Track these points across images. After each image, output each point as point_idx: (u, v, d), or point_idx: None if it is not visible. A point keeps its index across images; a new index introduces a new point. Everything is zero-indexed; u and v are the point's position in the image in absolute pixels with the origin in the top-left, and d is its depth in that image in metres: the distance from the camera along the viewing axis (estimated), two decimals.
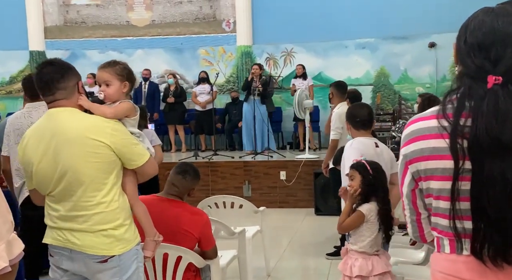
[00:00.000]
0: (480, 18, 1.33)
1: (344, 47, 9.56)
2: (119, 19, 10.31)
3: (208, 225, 2.80)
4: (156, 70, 9.85)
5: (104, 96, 2.18)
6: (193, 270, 2.77)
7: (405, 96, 9.31)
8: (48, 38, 10.33)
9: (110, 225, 2.09)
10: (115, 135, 2.11)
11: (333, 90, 4.94)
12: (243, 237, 3.83)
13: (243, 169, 7.51)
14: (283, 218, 6.71)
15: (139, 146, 2.19)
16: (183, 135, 9.24)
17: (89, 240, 2.08)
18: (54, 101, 2.14)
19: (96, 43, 10.24)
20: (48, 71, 2.13)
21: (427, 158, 1.34)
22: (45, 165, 2.10)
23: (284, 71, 9.80)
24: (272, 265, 4.69)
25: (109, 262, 2.09)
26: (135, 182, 2.23)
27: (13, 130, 3.27)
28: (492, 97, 1.25)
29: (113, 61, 2.26)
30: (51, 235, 2.15)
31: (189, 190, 2.83)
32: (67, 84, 2.13)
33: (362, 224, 2.77)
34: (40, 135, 2.12)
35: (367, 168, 2.79)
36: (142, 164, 2.17)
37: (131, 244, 2.14)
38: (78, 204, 2.08)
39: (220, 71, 9.67)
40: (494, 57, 1.29)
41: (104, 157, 2.08)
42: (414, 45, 9.12)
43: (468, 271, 1.32)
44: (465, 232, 1.30)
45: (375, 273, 2.72)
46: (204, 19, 10.12)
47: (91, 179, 2.07)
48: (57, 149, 2.07)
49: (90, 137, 2.07)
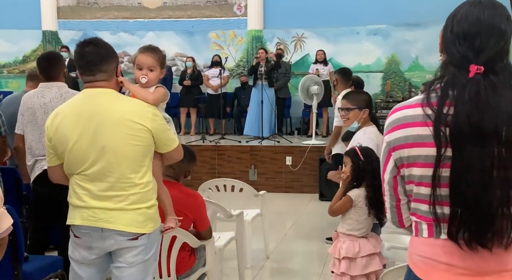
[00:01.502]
0: (467, 9, 1.37)
1: (355, 33, 9.48)
2: (131, 1, 10.33)
3: (202, 206, 2.86)
4: (167, 53, 9.80)
5: (147, 80, 2.23)
6: (187, 250, 2.84)
7: (416, 84, 9.23)
8: (61, 18, 10.40)
9: (144, 204, 2.14)
10: (156, 120, 2.16)
11: (338, 77, 4.92)
12: (241, 219, 3.89)
13: (249, 154, 7.56)
14: (288, 202, 6.77)
15: (171, 132, 2.27)
16: (195, 118, 9.29)
17: (124, 218, 2.11)
18: (93, 81, 2.15)
19: (108, 24, 10.28)
20: (92, 51, 2.14)
21: (411, 145, 1.38)
22: (83, 144, 2.11)
23: (294, 56, 9.76)
24: (272, 247, 4.76)
25: (140, 240, 2.14)
26: (161, 166, 2.30)
27: (27, 109, 3.33)
28: (473, 86, 1.29)
29: (154, 47, 2.32)
30: (80, 215, 2.14)
31: (185, 172, 2.89)
32: (108, 67, 2.15)
33: (351, 208, 2.81)
34: (78, 114, 2.13)
35: (358, 154, 2.82)
36: (173, 148, 2.24)
37: (158, 223, 2.23)
38: (116, 185, 2.11)
39: (230, 55, 9.67)
40: (477, 47, 1.32)
41: (145, 141, 2.13)
42: (426, 32, 8.98)
43: (445, 254, 1.36)
44: (444, 217, 1.35)
45: (362, 255, 2.77)
46: (216, 3, 10.09)
47: (131, 161, 2.11)
48: (98, 130, 2.09)
49: (133, 120, 2.11)
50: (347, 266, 2.80)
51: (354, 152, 2.85)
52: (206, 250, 2.95)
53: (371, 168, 2.79)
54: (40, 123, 3.20)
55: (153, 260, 2.24)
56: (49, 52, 4.32)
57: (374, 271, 2.80)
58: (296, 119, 9.47)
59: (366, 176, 2.81)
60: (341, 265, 2.81)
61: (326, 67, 8.62)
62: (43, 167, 3.22)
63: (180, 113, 9.28)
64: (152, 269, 2.26)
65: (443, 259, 1.36)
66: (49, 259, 3.19)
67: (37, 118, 3.27)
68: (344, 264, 2.80)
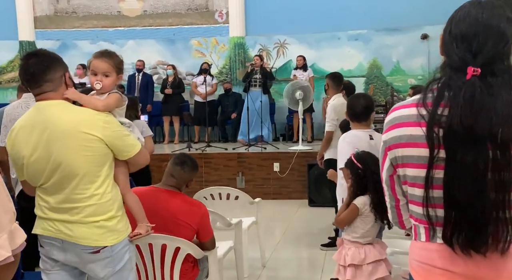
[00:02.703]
0: (466, 10, 1.35)
1: (336, 38, 9.55)
2: (110, 9, 10.20)
3: (206, 216, 2.79)
4: (148, 61, 9.76)
5: (102, 86, 2.16)
6: (191, 261, 2.77)
7: (398, 87, 9.33)
8: (38, 28, 10.19)
9: (102, 216, 2.09)
10: (108, 127, 2.10)
11: (329, 81, 4.92)
12: (240, 228, 3.83)
13: (237, 161, 7.50)
14: (277, 209, 6.73)
15: (131, 137, 2.19)
16: (178, 126, 9.19)
17: (82, 231, 2.08)
18: (41, 93, 2.11)
19: (87, 33, 10.12)
20: (34, 62, 2.10)
21: (405, 145, 1.37)
22: (37, 158, 2.09)
23: (277, 62, 9.77)
24: (267, 256, 4.71)
25: (102, 253, 2.09)
26: (126, 173, 2.24)
27: (10, 121, 3.25)
28: (469, 88, 1.27)
29: (111, 52, 2.25)
30: (42, 225, 2.14)
31: (187, 181, 2.83)
32: (53, 76, 2.10)
33: (357, 217, 2.79)
34: (31, 128, 2.10)
35: (354, 163, 2.80)
36: (134, 154, 2.18)
37: (123, 235, 2.15)
38: (70, 197, 2.08)
39: (213, 63, 9.62)
40: (475, 48, 1.30)
41: (97, 150, 2.08)
42: (406, 36, 9.13)
43: (440, 259, 1.34)
44: (437, 220, 1.33)
45: (368, 261, 2.74)
46: (197, 10, 10.04)
47: (85, 172, 2.07)
48: (49, 143, 2.06)
49: (82, 130, 2.06)
50: (353, 273, 2.77)
51: (351, 163, 2.84)
52: (209, 261, 2.88)
53: (371, 171, 2.77)
54: None
55: (128, 270, 2.19)
56: None
57: (380, 278, 2.77)
58: (280, 125, 9.46)
59: (369, 182, 2.79)
60: (347, 272, 2.78)
61: (306, 73, 8.65)
62: None
63: (164, 121, 9.17)
64: (130, 279, 2.21)
65: (439, 264, 1.34)
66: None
67: None
68: (350, 271, 2.77)
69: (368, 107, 3.29)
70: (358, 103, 3.29)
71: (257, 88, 8.26)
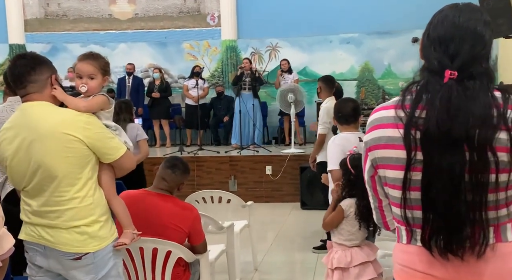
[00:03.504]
0: (444, 14, 1.36)
1: (328, 42, 9.59)
2: (101, 12, 10.16)
3: (198, 220, 2.77)
4: (140, 64, 9.74)
5: (87, 89, 2.14)
6: (182, 265, 2.75)
7: (389, 91, 9.38)
8: (28, 31, 10.13)
9: (83, 221, 2.05)
10: (89, 128, 2.07)
11: (321, 84, 4.93)
12: (232, 231, 3.82)
13: (229, 164, 7.48)
14: (269, 212, 6.71)
15: (115, 140, 2.15)
16: (168, 130, 9.16)
17: (62, 237, 2.05)
18: (26, 94, 2.10)
19: (78, 36, 10.07)
20: (20, 64, 2.10)
21: (384, 147, 1.37)
22: (18, 160, 2.07)
23: (269, 65, 9.78)
24: (259, 259, 4.69)
25: (83, 260, 2.06)
26: (112, 177, 2.19)
27: None
28: (446, 91, 1.27)
29: (95, 54, 2.24)
30: (25, 230, 2.12)
31: (179, 184, 2.81)
32: (38, 77, 2.09)
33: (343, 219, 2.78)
34: (14, 130, 2.09)
35: (348, 167, 2.80)
36: (117, 158, 2.13)
37: (106, 241, 2.11)
38: (50, 199, 2.05)
39: (205, 66, 9.61)
40: (452, 52, 1.30)
41: (77, 152, 2.05)
42: (397, 40, 9.18)
43: (420, 263, 1.34)
44: (414, 221, 1.33)
45: (355, 264, 2.73)
46: (188, 13, 10.03)
47: (64, 174, 2.04)
48: (30, 144, 2.04)
49: (62, 131, 2.04)
50: (339, 277, 2.76)
51: (344, 163, 2.84)
52: (201, 265, 2.86)
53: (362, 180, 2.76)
54: None
55: (113, 276, 2.15)
56: None
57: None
58: (272, 128, 9.46)
59: (358, 188, 2.79)
60: (334, 276, 2.78)
61: (290, 76, 8.66)
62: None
63: (153, 125, 9.13)
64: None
65: (419, 268, 1.34)
66: None
67: None
68: (336, 274, 2.77)
69: (357, 109, 3.34)
70: (347, 106, 3.33)
71: (247, 91, 8.27)
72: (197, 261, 2.85)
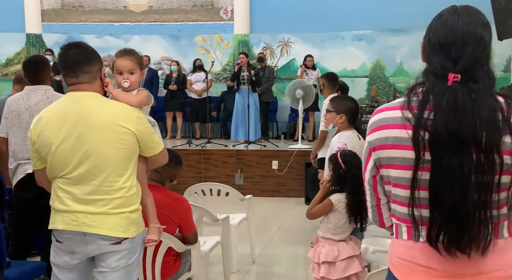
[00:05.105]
0: (444, 18, 1.39)
1: (340, 38, 9.56)
2: (116, 4, 10.28)
3: (188, 211, 2.84)
4: (153, 57, 9.84)
5: (129, 84, 2.24)
6: (173, 255, 2.82)
7: (400, 89, 9.31)
8: (45, 21, 10.30)
9: (128, 208, 2.12)
10: (140, 123, 2.16)
11: (324, 81, 4.94)
12: (227, 223, 3.88)
13: (236, 158, 7.55)
14: (274, 206, 6.77)
15: (156, 135, 2.27)
16: (181, 122, 9.26)
17: (106, 222, 2.09)
18: (76, 83, 2.15)
19: (93, 27, 10.21)
20: (75, 52, 2.15)
21: (390, 147, 1.40)
22: (66, 147, 2.09)
23: (281, 61, 9.80)
24: (258, 252, 4.75)
25: (122, 244, 2.12)
26: (145, 169, 2.29)
27: (11, 112, 3.30)
28: (451, 94, 1.31)
29: (131, 50, 2.34)
30: (62, 220, 2.12)
31: (171, 176, 2.87)
32: (91, 68, 2.15)
33: (330, 212, 2.83)
34: (62, 117, 2.12)
35: (339, 161, 2.84)
36: (158, 152, 2.23)
37: (141, 228, 2.21)
38: (99, 189, 2.10)
39: (217, 59, 9.67)
40: (454, 56, 1.34)
41: (129, 144, 2.12)
42: (410, 37, 9.09)
43: (424, 257, 1.38)
44: (422, 219, 1.37)
45: (341, 258, 2.79)
46: (202, 7, 10.09)
47: (115, 165, 2.10)
48: (83, 133, 2.08)
49: (118, 123, 2.10)
50: (326, 271, 2.81)
51: (335, 159, 2.88)
52: (192, 255, 2.93)
53: (351, 175, 2.81)
54: (24, 126, 3.16)
55: (136, 264, 2.23)
56: (36, 56, 4.27)
57: (353, 274, 2.82)
58: (282, 123, 9.50)
59: (347, 184, 2.83)
60: (320, 270, 2.83)
61: (315, 72, 8.67)
62: (26, 171, 3.19)
63: (166, 117, 9.25)
64: (135, 274, 2.25)
65: (421, 262, 1.38)
66: (31, 265, 3.15)
67: (22, 121, 3.24)
68: (323, 268, 2.82)
69: (358, 110, 3.41)
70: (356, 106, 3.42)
71: (245, 86, 8.26)
72: (188, 251, 2.92)
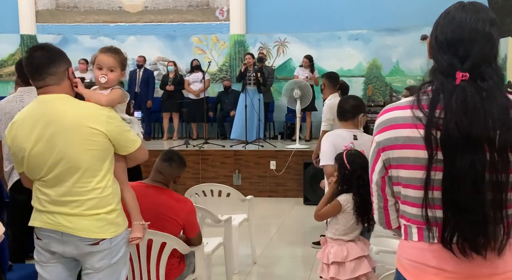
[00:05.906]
0: (451, 15, 1.36)
1: (337, 38, 9.56)
2: (111, 5, 10.22)
3: (192, 212, 2.82)
4: (149, 57, 9.79)
5: (106, 80, 2.21)
6: (177, 256, 2.80)
7: (397, 88, 9.33)
8: (40, 22, 10.22)
9: (103, 210, 2.12)
10: (111, 122, 2.13)
11: (325, 81, 4.93)
12: (229, 224, 3.86)
13: (234, 158, 7.53)
14: (272, 207, 6.75)
15: (131, 132, 2.23)
16: (177, 123, 9.22)
17: (82, 223, 2.09)
18: (44, 86, 2.14)
19: (88, 28, 10.15)
20: (39, 55, 2.13)
21: (401, 147, 1.37)
22: (38, 151, 2.10)
23: (277, 61, 9.79)
24: (259, 253, 4.74)
25: (101, 245, 2.12)
26: (125, 168, 2.27)
27: (4, 114, 3.27)
28: (460, 93, 1.28)
29: (117, 48, 2.32)
30: (40, 218, 2.15)
31: (175, 177, 2.85)
32: (57, 70, 2.13)
33: (339, 213, 2.81)
34: (33, 121, 2.11)
35: (344, 162, 2.82)
36: (134, 150, 2.21)
37: (122, 228, 2.19)
38: (72, 190, 2.10)
39: (213, 60, 9.64)
40: (462, 53, 1.31)
41: (100, 145, 2.11)
42: (406, 37, 9.13)
43: (435, 259, 1.35)
44: (436, 221, 1.34)
45: (351, 258, 2.77)
46: (198, 7, 10.05)
47: (87, 166, 2.09)
48: (52, 136, 2.07)
49: (86, 125, 2.09)
50: (336, 271, 2.80)
51: (340, 158, 2.86)
52: (196, 256, 2.91)
53: (357, 175, 2.79)
54: None
55: (122, 263, 2.22)
56: None
57: (363, 274, 2.81)
58: (279, 123, 9.48)
59: (353, 184, 2.81)
60: (330, 270, 2.81)
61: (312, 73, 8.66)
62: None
63: (163, 118, 9.20)
64: (123, 273, 2.24)
65: (433, 264, 1.35)
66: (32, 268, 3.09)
67: None
68: (333, 269, 2.80)
69: (356, 107, 3.26)
70: (347, 102, 3.30)
71: (252, 86, 8.28)
72: (192, 253, 2.89)
